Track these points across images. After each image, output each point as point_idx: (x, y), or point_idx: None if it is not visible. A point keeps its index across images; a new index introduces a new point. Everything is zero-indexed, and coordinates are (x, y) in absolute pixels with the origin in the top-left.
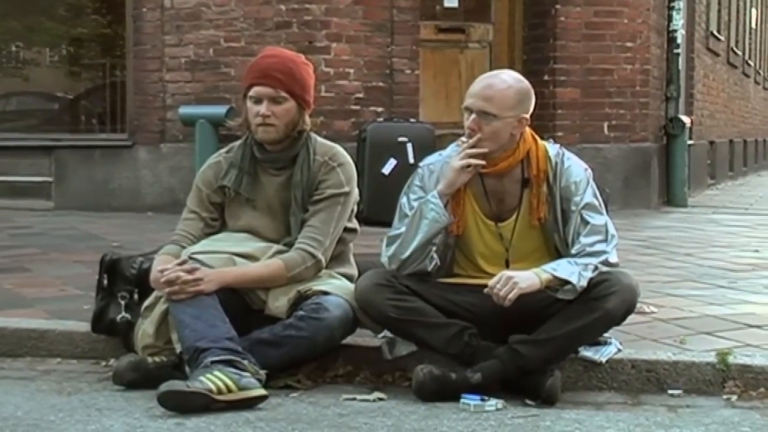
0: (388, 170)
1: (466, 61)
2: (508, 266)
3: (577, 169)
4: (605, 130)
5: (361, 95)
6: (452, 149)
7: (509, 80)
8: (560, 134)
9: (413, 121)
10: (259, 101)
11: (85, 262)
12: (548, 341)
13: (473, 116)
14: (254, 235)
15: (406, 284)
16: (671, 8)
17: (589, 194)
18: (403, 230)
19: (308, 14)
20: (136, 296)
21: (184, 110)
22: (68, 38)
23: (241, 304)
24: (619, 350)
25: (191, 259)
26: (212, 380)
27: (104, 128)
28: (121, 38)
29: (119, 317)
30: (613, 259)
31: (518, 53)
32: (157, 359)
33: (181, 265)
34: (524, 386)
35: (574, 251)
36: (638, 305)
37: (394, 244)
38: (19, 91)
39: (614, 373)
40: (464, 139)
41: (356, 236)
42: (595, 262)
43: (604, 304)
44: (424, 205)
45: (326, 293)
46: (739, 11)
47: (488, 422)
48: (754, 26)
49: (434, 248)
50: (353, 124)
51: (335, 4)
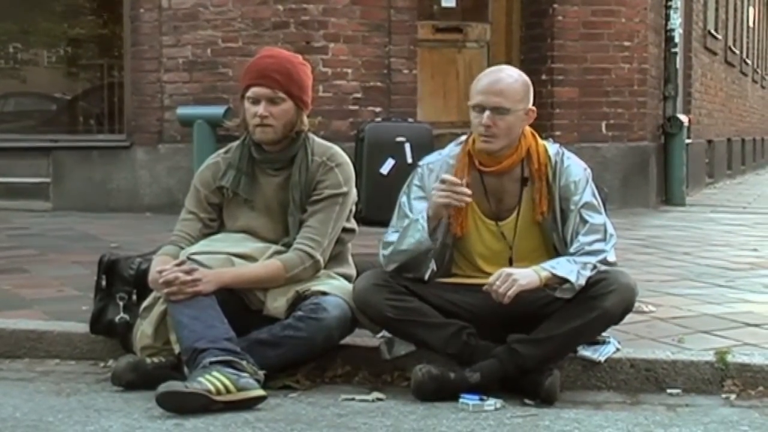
0: (386, 170)
1: (463, 60)
2: (511, 265)
3: (576, 168)
4: (603, 129)
5: (359, 95)
6: (451, 148)
7: (513, 74)
8: (558, 133)
9: (411, 120)
10: (256, 102)
11: (83, 262)
12: (547, 340)
13: (487, 113)
14: (252, 235)
15: (404, 284)
16: (669, 7)
17: (588, 193)
18: (394, 240)
19: (306, 14)
20: (134, 297)
21: (181, 111)
22: (66, 39)
23: (239, 304)
24: (617, 349)
25: (189, 259)
26: (211, 381)
27: (102, 129)
28: (118, 39)
29: (118, 318)
30: (611, 258)
31: (516, 53)
32: (155, 360)
33: (179, 265)
34: (523, 386)
35: (572, 250)
36: (637, 304)
37: (387, 249)
38: (16, 91)
39: (613, 372)
40: (447, 177)
41: (354, 236)
42: (593, 260)
43: (602, 303)
44: (413, 224)
45: (325, 293)
46: (736, 10)
47: (487, 422)
48: (751, 25)
49: (430, 259)
50: (351, 124)
51: (333, 4)
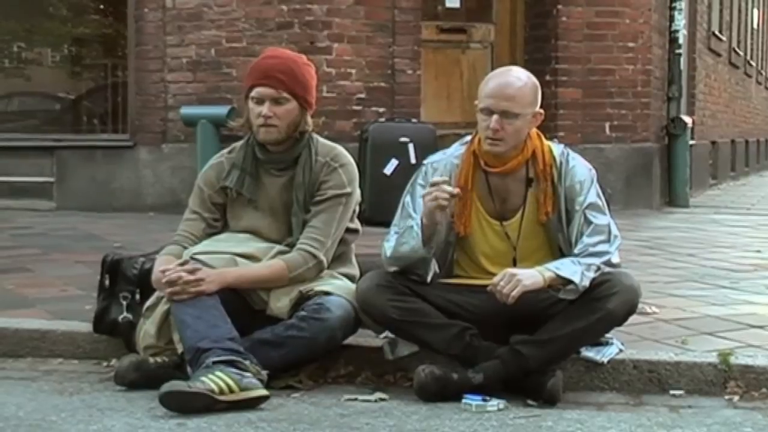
0: (389, 170)
1: (467, 61)
2: (515, 265)
3: (581, 169)
4: (607, 130)
5: (362, 95)
6: (456, 148)
7: (522, 77)
8: (562, 134)
9: (415, 121)
10: (261, 102)
11: (86, 262)
12: (550, 342)
13: (496, 117)
14: (256, 235)
15: (407, 285)
16: (673, 8)
17: (593, 194)
18: (393, 244)
19: (310, 14)
20: (137, 296)
21: (185, 110)
22: (70, 38)
23: (242, 304)
24: (620, 351)
25: (193, 259)
26: (214, 380)
27: (106, 128)
28: (122, 38)
29: (121, 317)
30: (615, 259)
31: (520, 53)
32: (158, 359)
33: (182, 265)
34: (526, 386)
35: (576, 251)
36: (640, 306)
37: (386, 252)
38: (20, 91)
39: (616, 373)
40: (435, 179)
41: (358, 237)
42: (597, 262)
43: (605, 304)
44: (408, 230)
45: (328, 293)
46: (741, 11)
47: (490, 422)
48: (756, 26)
49: (431, 261)
50: (355, 124)
51: (337, 4)
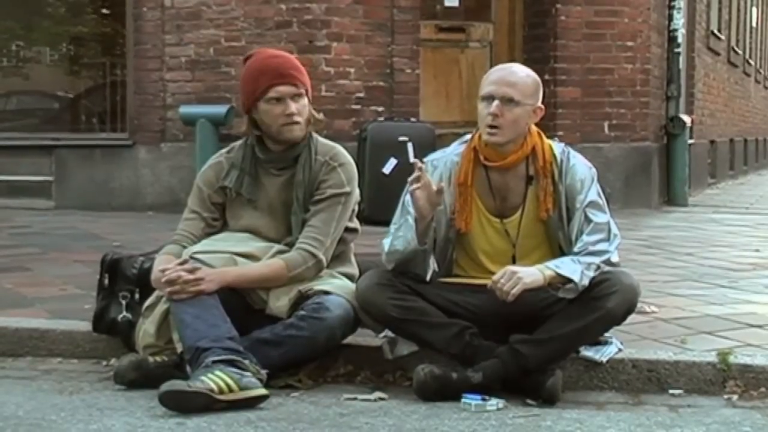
0: (388, 170)
1: (466, 60)
2: (514, 263)
3: (582, 167)
4: (606, 129)
5: (361, 95)
6: (456, 146)
7: (525, 71)
8: (561, 133)
9: (414, 120)
10: (280, 101)
11: (85, 261)
12: (549, 341)
13: (496, 102)
14: (255, 235)
15: (407, 284)
16: (672, 7)
17: (593, 192)
18: (390, 239)
19: (309, 13)
20: (137, 296)
21: (184, 110)
22: (68, 37)
23: (241, 303)
24: (620, 350)
25: (192, 258)
26: (213, 380)
27: (104, 127)
28: (121, 37)
29: (120, 317)
30: (614, 258)
31: (519, 52)
32: (158, 359)
33: (181, 264)
34: (525, 386)
35: (576, 249)
36: (639, 305)
37: (385, 248)
38: (19, 90)
39: (615, 372)
40: (417, 170)
41: (357, 236)
42: (597, 261)
43: (605, 303)
44: (405, 224)
45: (327, 293)
46: (739, 10)
47: (489, 422)
48: (754, 25)
49: (428, 257)
50: (354, 123)
51: (336, 3)
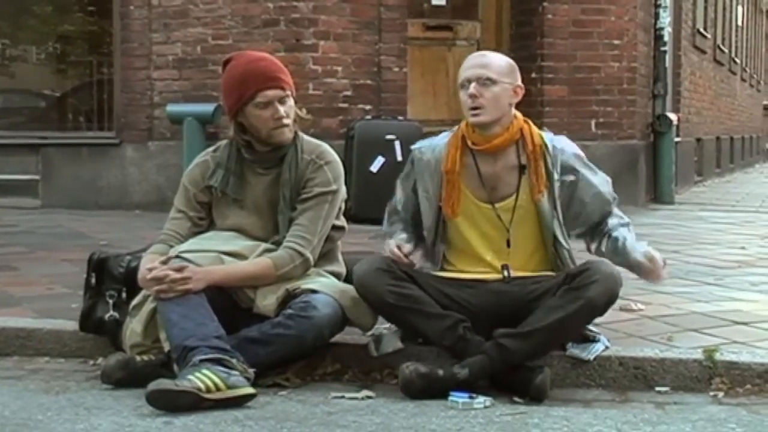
0: (376, 168)
1: (453, 58)
2: (509, 247)
3: (569, 146)
4: (593, 127)
5: (349, 93)
6: (444, 135)
7: (498, 54)
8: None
9: (401, 118)
10: (268, 105)
11: (72, 260)
12: (532, 333)
13: (474, 84)
14: (242, 234)
15: (405, 271)
16: (658, 6)
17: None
18: (385, 228)
19: (296, 12)
20: (124, 295)
21: (171, 108)
22: (55, 36)
23: (229, 302)
24: (606, 347)
25: (179, 257)
26: (201, 379)
27: (91, 126)
28: (108, 36)
29: (107, 316)
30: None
31: (506, 51)
32: (145, 358)
33: (167, 263)
34: (514, 382)
35: (624, 221)
36: (626, 303)
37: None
38: (5, 88)
39: (602, 370)
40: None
41: (344, 234)
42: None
43: (585, 293)
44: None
45: (315, 291)
46: (725, 9)
47: (476, 420)
48: (740, 24)
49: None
50: (341, 122)
51: (323, 1)
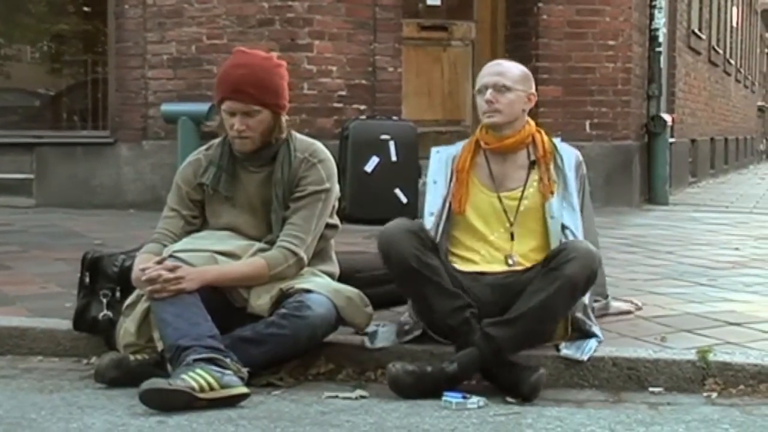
0: (370, 168)
1: (448, 59)
2: (512, 239)
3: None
4: (587, 128)
5: (343, 93)
6: (463, 142)
7: (513, 63)
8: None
9: (396, 118)
10: (232, 114)
11: (66, 259)
12: (517, 319)
13: (490, 90)
14: (236, 233)
15: (433, 241)
16: (653, 7)
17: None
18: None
19: (291, 11)
20: (118, 294)
21: (166, 107)
22: (50, 35)
23: (223, 302)
24: (599, 342)
25: (173, 257)
26: (194, 378)
27: (86, 125)
28: (103, 35)
29: (101, 315)
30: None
31: (501, 51)
32: (138, 357)
33: (161, 263)
34: (509, 379)
35: None
36: (621, 303)
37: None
38: None
39: (595, 370)
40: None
41: (337, 232)
42: None
43: (563, 271)
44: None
45: (309, 291)
46: (720, 10)
47: (470, 419)
48: (735, 25)
49: None
50: (336, 121)
51: (318, 1)
